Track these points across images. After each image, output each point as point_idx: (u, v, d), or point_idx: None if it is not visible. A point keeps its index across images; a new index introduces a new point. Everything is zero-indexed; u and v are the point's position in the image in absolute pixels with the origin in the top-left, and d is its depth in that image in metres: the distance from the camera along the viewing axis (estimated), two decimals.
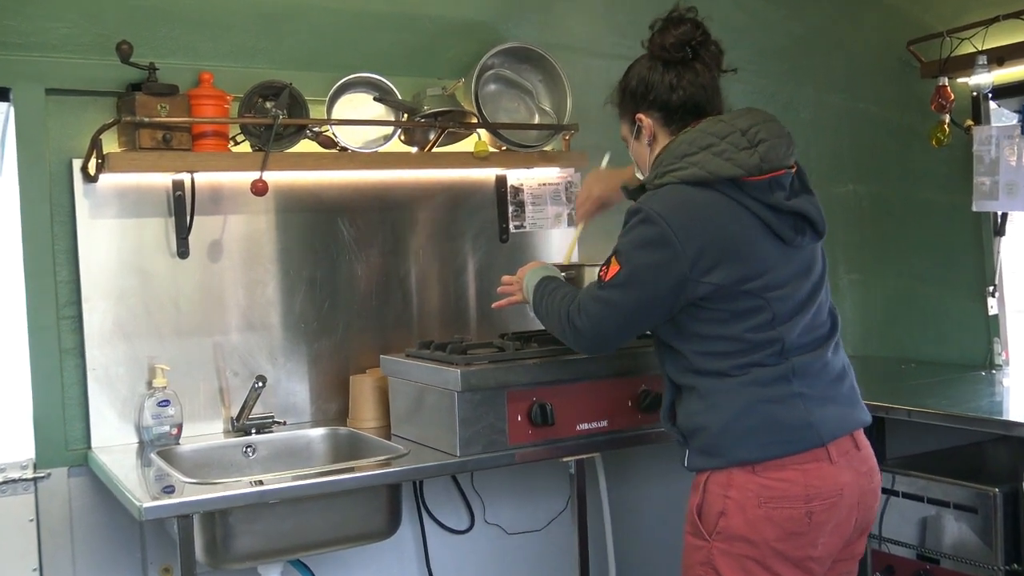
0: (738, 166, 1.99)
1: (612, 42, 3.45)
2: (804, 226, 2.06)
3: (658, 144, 2.16)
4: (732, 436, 2.01)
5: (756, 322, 2.02)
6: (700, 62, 2.13)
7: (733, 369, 2.03)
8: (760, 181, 2.01)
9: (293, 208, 2.96)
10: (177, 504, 2.21)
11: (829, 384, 2.08)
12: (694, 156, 2.03)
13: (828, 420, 2.03)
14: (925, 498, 2.81)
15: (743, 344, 2.02)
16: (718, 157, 2.00)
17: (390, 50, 3.10)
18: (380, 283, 3.08)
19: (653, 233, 2.00)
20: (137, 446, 2.72)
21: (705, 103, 2.13)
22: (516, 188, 3.25)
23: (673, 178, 2.04)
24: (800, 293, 2.06)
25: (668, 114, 2.14)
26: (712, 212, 2.00)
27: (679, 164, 2.04)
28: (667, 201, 2.02)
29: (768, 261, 2.02)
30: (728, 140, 2.02)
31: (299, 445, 2.83)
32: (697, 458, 2.08)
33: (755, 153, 2.00)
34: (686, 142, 2.05)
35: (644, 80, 2.16)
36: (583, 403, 2.60)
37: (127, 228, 2.74)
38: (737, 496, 2.00)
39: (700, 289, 2.00)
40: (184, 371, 2.80)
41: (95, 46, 2.71)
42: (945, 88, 3.34)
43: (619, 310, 2.07)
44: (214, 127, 2.71)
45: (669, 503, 3.45)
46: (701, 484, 2.07)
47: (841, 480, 2.02)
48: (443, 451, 2.52)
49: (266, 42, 2.93)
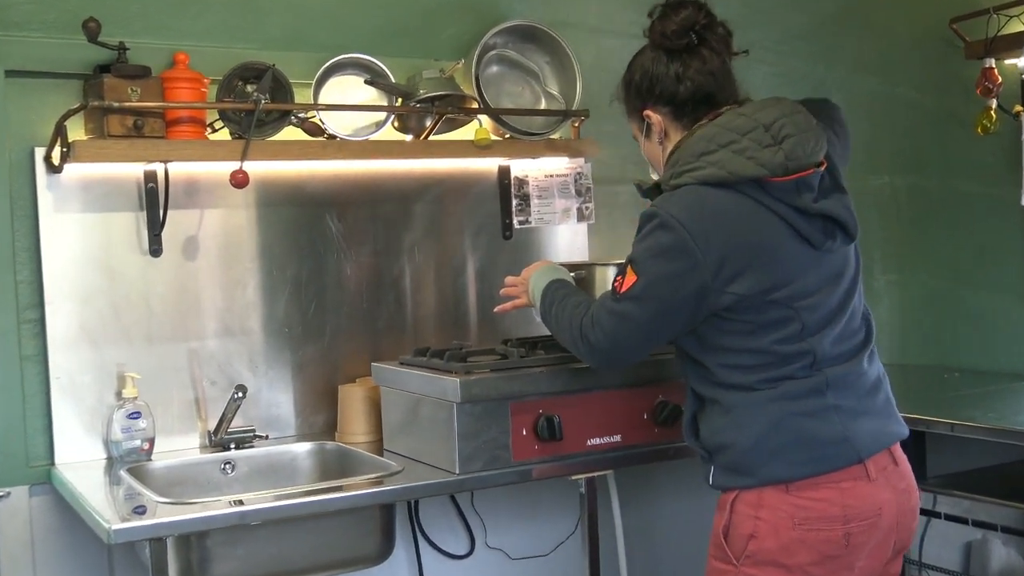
0: (761, 165, 1.99)
1: (627, 19, 3.44)
2: (834, 229, 2.06)
3: (671, 141, 2.16)
4: (763, 453, 2.02)
5: (785, 333, 2.02)
6: (707, 47, 2.12)
7: (760, 383, 2.03)
8: (786, 182, 2.00)
9: (276, 202, 2.96)
10: (149, 526, 2.20)
11: (864, 396, 2.09)
12: (713, 154, 2.02)
13: (865, 434, 2.04)
14: (970, 520, 2.81)
15: (771, 357, 2.03)
16: (739, 155, 2.00)
17: (382, 28, 3.10)
18: (371, 284, 3.08)
19: (670, 240, 2.00)
20: (105, 462, 2.72)
21: (716, 92, 2.13)
22: (520, 180, 3.26)
23: (690, 179, 2.03)
24: (831, 300, 2.06)
25: (677, 108, 2.14)
26: (734, 216, 2.00)
27: (696, 163, 2.03)
28: (685, 204, 2.02)
29: (796, 268, 2.02)
30: (750, 136, 2.01)
31: (283, 461, 2.83)
32: (723, 476, 2.08)
33: (780, 151, 1.99)
34: (704, 139, 2.05)
35: (648, 73, 2.16)
36: (594, 415, 2.60)
37: (94, 223, 2.74)
38: (769, 517, 2.01)
39: (723, 300, 2.00)
40: (156, 380, 2.80)
41: (59, 24, 2.71)
42: (992, 70, 3.34)
43: (636, 324, 2.07)
44: (190, 113, 2.71)
45: (689, 525, 3.45)
46: (728, 504, 2.07)
47: (880, 499, 2.03)
48: (440, 468, 2.52)
49: (247, 20, 2.94)
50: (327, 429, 2.99)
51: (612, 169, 3.42)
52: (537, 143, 3.15)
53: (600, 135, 3.31)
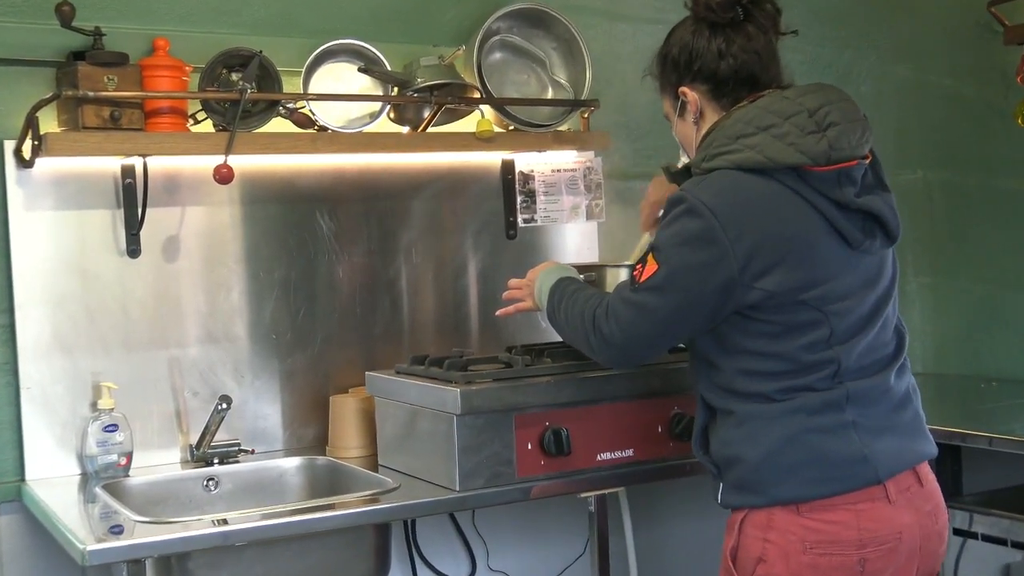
0: (802, 153, 1.98)
1: (640, 2, 3.45)
2: (874, 228, 2.05)
3: (706, 122, 2.15)
4: (773, 470, 2.01)
5: (811, 339, 2.01)
6: (753, 24, 2.11)
7: (778, 393, 2.03)
8: (827, 172, 1.99)
9: (263, 198, 2.96)
10: (127, 547, 2.20)
11: (889, 412, 2.08)
12: (751, 138, 2.01)
13: (886, 453, 2.03)
14: (1009, 541, 2.81)
15: (793, 364, 2.02)
16: (779, 141, 1.99)
17: (377, 12, 3.11)
18: (365, 287, 3.08)
19: (698, 227, 1.98)
20: (79, 478, 2.72)
21: (760, 72, 2.11)
22: (526, 175, 3.26)
23: (724, 162, 2.02)
24: (864, 307, 2.06)
25: (717, 86, 2.12)
26: (769, 205, 1.99)
27: (733, 146, 2.02)
28: (716, 189, 2.00)
29: (831, 267, 2.01)
30: (792, 121, 2.00)
31: (270, 478, 2.83)
32: (732, 494, 2.08)
33: (823, 139, 1.98)
34: (742, 120, 2.04)
35: (688, 47, 2.14)
36: (605, 429, 2.60)
37: (68, 222, 2.75)
38: (778, 540, 2.00)
39: (750, 296, 1.99)
40: (134, 390, 2.81)
41: (30, 7, 2.71)
42: None
43: (654, 317, 2.05)
44: (170, 103, 2.71)
45: (706, 547, 3.43)
46: (736, 525, 2.07)
47: (900, 522, 2.02)
48: (439, 485, 2.52)
49: (232, 3, 2.94)
50: (317, 443, 2.99)
51: (624, 163, 3.43)
52: (543, 135, 3.16)
53: (611, 126, 3.32)
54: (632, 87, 3.42)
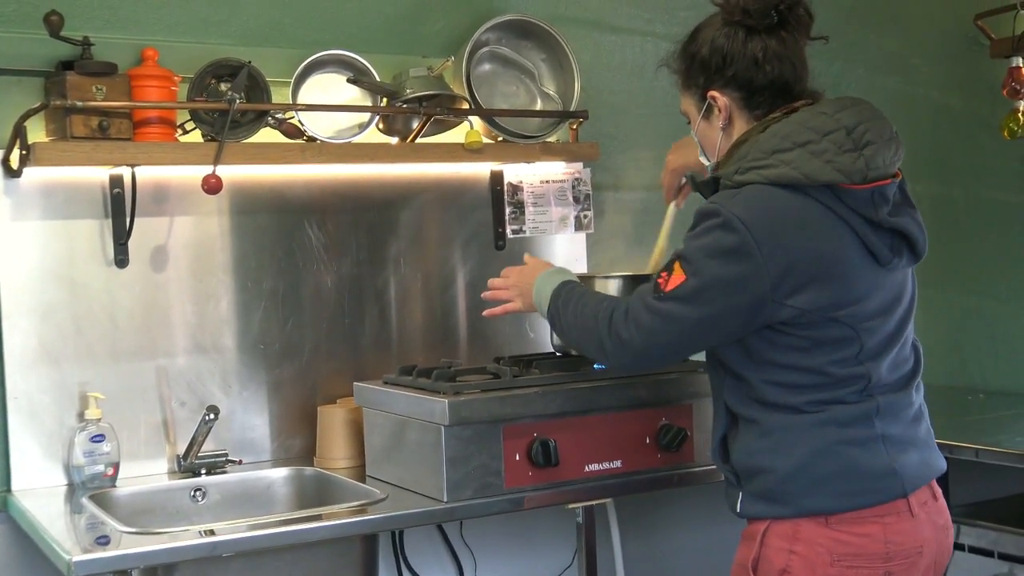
0: (839, 171, 1.96)
1: (628, 14, 3.46)
2: (902, 246, 2.05)
3: (735, 128, 2.12)
4: (803, 482, 2.00)
5: (842, 355, 2.00)
6: (787, 29, 2.08)
7: (808, 405, 2.01)
8: (863, 191, 1.98)
9: (252, 209, 2.97)
10: (113, 558, 2.19)
11: (909, 426, 2.09)
12: (787, 153, 1.98)
13: (911, 467, 2.04)
14: (996, 553, 2.81)
15: (824, 378, 2.01)
16: (816, 158, 1.96)
17: (366, 23, 3.11)
18: (354, 297, 3.08)
19: (732, 241, 1.95)
20: (66, 489, 2.71)
21: (794, 82, 2.09)
22: (514, 186, 3.26)
23: (759, 176, 1.99)
24: (890, 324, 2.06)
25: (751, 94, 2.09)
26: (805, 222, 1.97)
27: (768, 161, 1.99)
28: (751, 204, 1.97)
29: (863, 285, 2.00)
30: (830, 139, 1.97)
31: (257, 488, 2.83)
32: (755, 504, 2.06)
33: (860, 157, 1.96)
34: (778, 135, 2.01)
35: (721, 50, 2.09)
36: (593, 440, 2.60)
37: (55, 231, 2.74)
38: (805, 552, 1.99)
39: (781, 313, 1.97)
40: (122, 400, 2.80)
41: (19, 17, 2.71)
42: (1019, 70, 3.36)
43: (678, 327, 2.02)
44: (159, 113, 2.72)
45: (694, 558, 3.45)
46: (758, 535, 2.04)
47: (922, 536, 2.03)
48: (427, 496, 2.52)
49: (221, 13, 2.94)
50: (305, 453, 2.99)
51: (612, 174, 3.44)
52: (532, 146, 3.16)
53: (600, 138, 3.33)
54: (621, 98, 3.45)
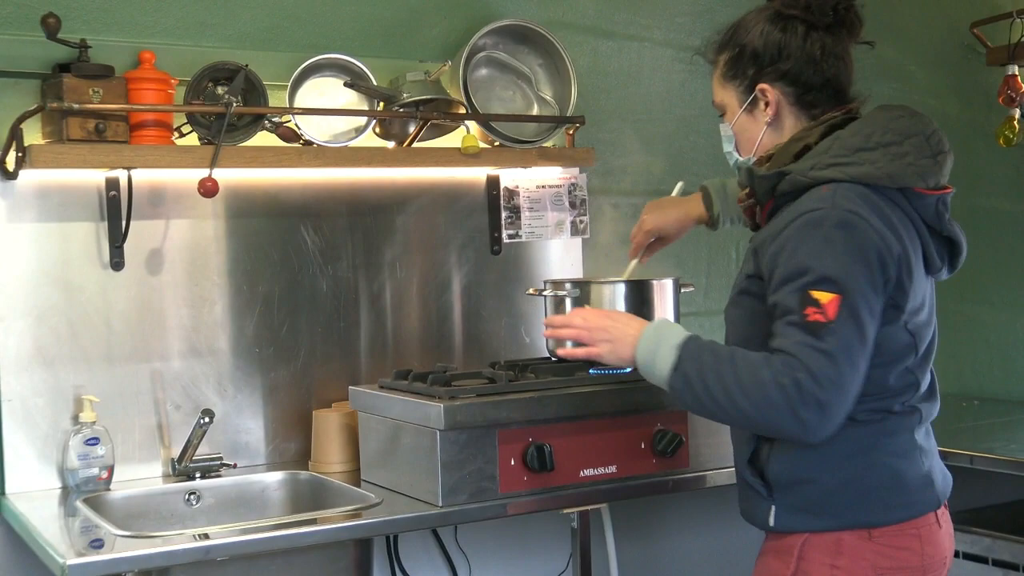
0: (920, 176, 1.93)
1: (625, 20, 3.47)
2: (946, 255, 2.04)
3: (784, 126, 2.07)
4: (850, 493, 1.95)
5: (903, 363, 1.97)
6: (842, 29, 2.05)
7: (865, 414, 1.95)
8: (931, 197, 1.96)
9: (248, 212, 2.96)
10: (107, 561, 2.19)
11: (931, 435, 2.09)
12: (870, 152, 1.94)
13: (940, 477, 2.04)
14: (990, 560, 2.82)
15: (883, 387, 1.96)
16: (899, 160, 1.93)
17: (364, 27, 3.11)
18: (349, 301, 3.08)
19: (861, 239, 1.86)
20: (60, 492, 2.71)
21: (846, 84, 2.07)
22: (511, 191, 3.26)
23: (840, 173, 1.92)
24: (931, 333, 2.04)
25: (805, 91, 2.05)
26: (892, 223, 1.93)
27: (851, 159, 1.93)
28: (855, 199, 1.90)
29: (922, 292, 1.98)
30: (912, 142, 1.95)
31: (252, 492, 2.83)
32: (793, 516, 1.99)
33: (936, 163, 1.95)
34: (861, 134, 1.96)
35: (777, 44, 2.03)
36: (588, 445, 2.60)
37: (51, 234, 2.74)
38: (849, 566, 1.94)
39: (887, 314, 1.92)
40: (116, 403, 2.80)
41: (15, 19, 2.71)
42: (1015, 78, 3.37)
43: (855, 358, 1.84)
44: (156, 116, 2.71)
45: (689, 563, 3.45)
46: (795, 549, 1.98)
47: (946, 547, 2.03)
48: (422, 500, 2.51)
49: (218, 16, 2.94)
50: (300, 457, 2.98)
51: (608, 180, 3.44)
52: (529, 151, 3.16)
53: (596, 143, 3.33)
54: (617, 104, 3.45)
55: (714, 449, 2.72)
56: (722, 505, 3.28)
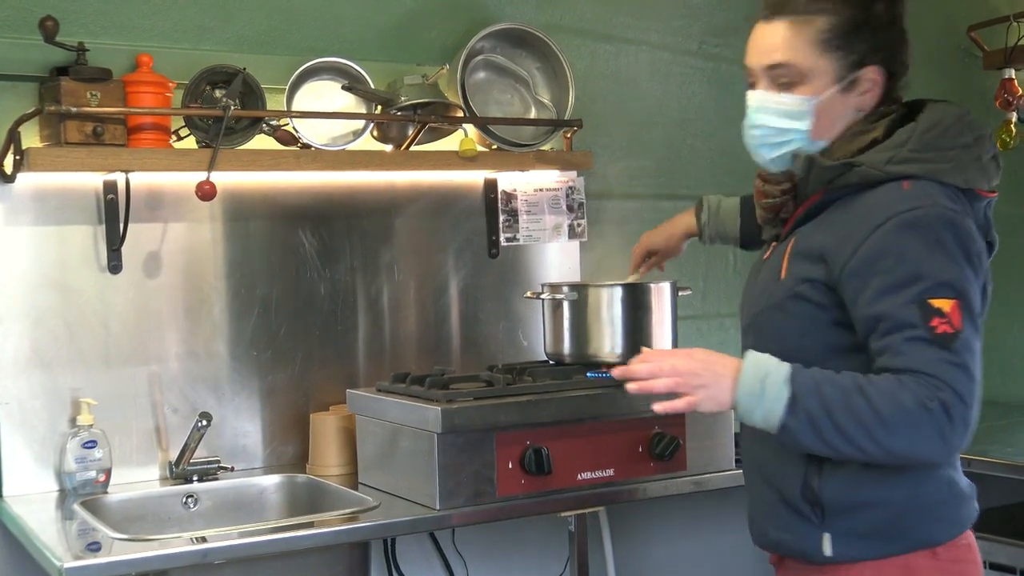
0: (986, 177, 1.88)
1: (623, 23, 3.47)
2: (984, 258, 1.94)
3: (869, 111, 1.93)
4: (917, 511, 1.84)
5: None
6: None
7: None
8: (984, 199, 1.89)
9: (245, 215, 2.96)
10: (104, 564, 2.19)
11: None
12: (950, 151, 1.85)
13: (974, 484, 1.95)
14: (987, 563, 2.81)
15: None
16: (974, 161, 1.86)
17: (361, 30, 3.11)
18: (347, 305, 3.08)
19: (965, 238, 1.79)
20: (57, 495, 2.71)
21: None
22: (508, 194, 3.26)
23: (919, 170, 1.82)
24: None
25: (895, 81, 1.94)
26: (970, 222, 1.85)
27: (930, 155, 1.83)
28: (943, 195, 1.81)
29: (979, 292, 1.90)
30: (980, 142, 1.89)
31: (249, 495, 2.83)
32: (853, 543, 1.84)
33: (997, 166, 1.89)
34: (938, 127, 1.86)
35: (904, 30, 1.93)
36: (586, 448, 2.60)
37: (49, 237, 2.74)
38: None
39: None
40: (114, 406, 2.80)
41: (13, 22, 2.71)
42: (1011, 81, 3.37)
43: (978, 364, 1.75)
44: (153, 119, 2.71)
45: (686, 567, 3.45)
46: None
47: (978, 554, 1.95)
48: (420, 503, 2.51)
49: (216, 19, 2.94)
50: (298, 461, 2.98)
51: (606, 183, 3.44)
52: (526, 155, 3.16)
53: (594, 147, 3.33)
54: (615, 107, 3.45)
55: (711, 452, 2.72)
56: (719, 508, 3.28)
